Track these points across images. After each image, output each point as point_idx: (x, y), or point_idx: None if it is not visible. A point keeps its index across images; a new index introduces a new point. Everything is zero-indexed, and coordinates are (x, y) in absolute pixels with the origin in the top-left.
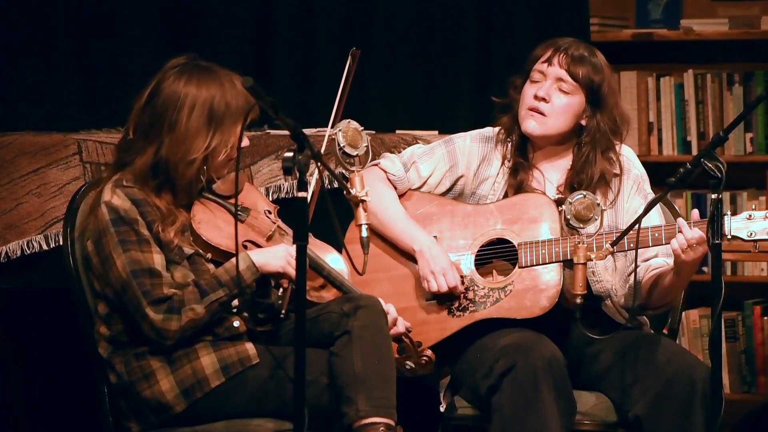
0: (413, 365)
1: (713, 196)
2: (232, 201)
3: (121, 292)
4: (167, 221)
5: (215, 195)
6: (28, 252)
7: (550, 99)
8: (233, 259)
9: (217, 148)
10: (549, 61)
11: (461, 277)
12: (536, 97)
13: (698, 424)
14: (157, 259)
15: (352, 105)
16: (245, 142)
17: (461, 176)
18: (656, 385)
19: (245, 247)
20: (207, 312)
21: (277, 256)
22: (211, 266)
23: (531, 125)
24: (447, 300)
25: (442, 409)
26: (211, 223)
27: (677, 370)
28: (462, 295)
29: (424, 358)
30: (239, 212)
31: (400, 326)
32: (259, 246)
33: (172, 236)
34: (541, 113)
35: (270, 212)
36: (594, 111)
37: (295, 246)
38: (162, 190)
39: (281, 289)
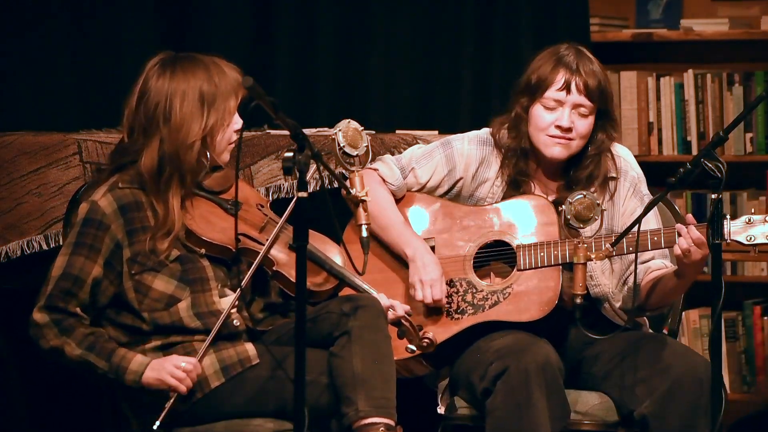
0: (415, 348)
1: (713, 196)
2: (223, 196)
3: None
4: (162, 229)
5: (206, 191)
6: (28, 252)
7: (574, 125)
8: (139, 356)
9: (215, 126)
10: (567, 89)
11: (459, 279)
12: (560, 128)
13: (706, 422)
14: (95, 272)
15: (353, 105)
16: (239, 123)
17: (460, 179)
18: (663, 384)
19: (238, 240)
20: (78, 360)
21: (159, 368)
22: (206, 263)
23: (557, 151)
24: (432, 308)
25: (440, 412)
26: (203, 219)
27: (685, 369)
28: (461, 297)
29: (426, 340)
30: (231, 206)
31: (399, 310)
32: (252, 238)
33: (159, 245)
34: (568, 139)
35: (262, 206)
36: (602, 123)
37: (183, 357)
38: (170, 185)
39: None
